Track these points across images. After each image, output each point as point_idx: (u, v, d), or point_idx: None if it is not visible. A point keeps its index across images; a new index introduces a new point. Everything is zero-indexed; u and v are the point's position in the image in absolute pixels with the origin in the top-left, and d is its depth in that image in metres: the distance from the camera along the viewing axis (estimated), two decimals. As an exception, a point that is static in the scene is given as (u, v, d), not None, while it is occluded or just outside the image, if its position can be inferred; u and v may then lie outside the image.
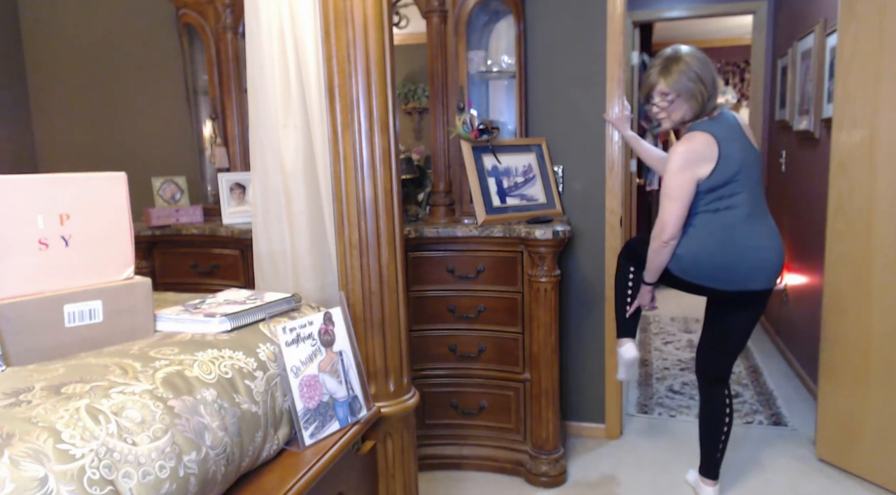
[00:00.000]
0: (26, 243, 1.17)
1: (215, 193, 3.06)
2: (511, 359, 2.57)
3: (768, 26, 4.55)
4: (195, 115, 3.09)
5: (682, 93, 2.08)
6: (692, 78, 2.07)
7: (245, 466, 1.23)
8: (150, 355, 1.19)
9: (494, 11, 2.77)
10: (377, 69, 1.54)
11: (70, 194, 1.23)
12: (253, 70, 1.93)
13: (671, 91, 2.09)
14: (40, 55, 3.49)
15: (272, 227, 1.99)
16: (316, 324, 1.46)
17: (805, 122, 3.44)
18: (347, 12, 1.51)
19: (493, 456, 2.67)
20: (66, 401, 0.97)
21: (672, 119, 2.15)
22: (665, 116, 2.15)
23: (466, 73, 2.61)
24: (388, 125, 1.58)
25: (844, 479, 2.56)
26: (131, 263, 1.33)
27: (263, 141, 1.95)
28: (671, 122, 2.15)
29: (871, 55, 2.37)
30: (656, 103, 2.13)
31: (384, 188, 1.59)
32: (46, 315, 1.18)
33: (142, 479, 0.96)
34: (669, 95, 2.09)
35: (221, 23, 2.87)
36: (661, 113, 2.15)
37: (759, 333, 4.56)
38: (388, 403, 1.64)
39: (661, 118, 2.16)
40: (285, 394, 1.35)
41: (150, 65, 3.32)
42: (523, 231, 2.40)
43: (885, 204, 2.37)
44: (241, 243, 2.67)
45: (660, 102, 2.13)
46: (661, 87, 2.10)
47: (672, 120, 2.15)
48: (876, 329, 2.43)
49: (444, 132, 2.63)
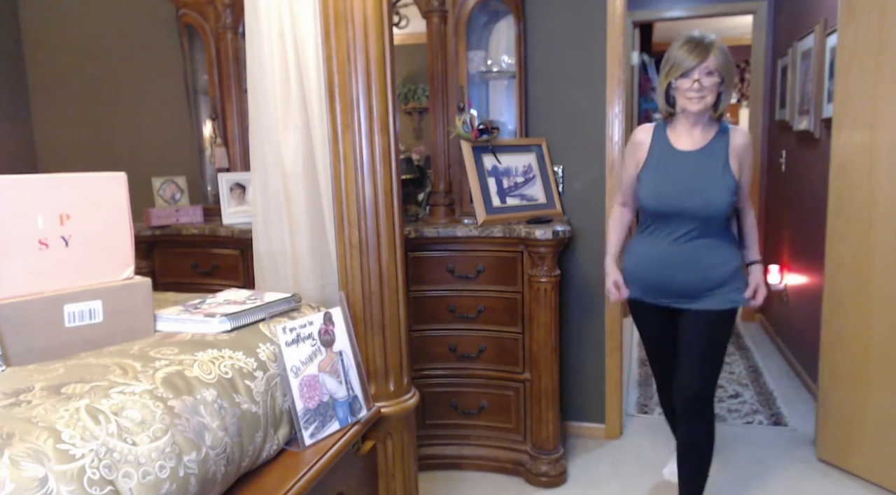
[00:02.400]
0: (26, 243, 1.17)
1: (215, 193, 3.06)
2: (511, 359, 2.57)
3: (768, 26, 4.55)
4: (195, 115, 3.09)
5: (726, 76, 1.94)
6: (732, 65, 1.96)
7: (245, 466, 1.23)
8: (150, 355, 1.19)
9: (494, 11, 2.77)
10: (377, 69, 1.54)
11: (70, 194, 1.23)
12: (253, 70, 1.93)
13: (718, 71, 1.91)
14: (40, 55, 3.49)
15: (272, 227, 1.99)
16: (316, 324, 1.46)
17: (805, 122, 3.44)
18: (347, 12, 1.51)
19: (493, 456, 2.66)
20: (66, 401, 0.97)
21: (706, 102, 1.94)
22: (702, 97, 1.92)
23: (466, 73, 2.61)
24: (388, 125, 1.58)
25: (844, 479, 2.56)
26: (131, 263, 1.33)
27: (263, 141, 1.95)
28: (703, 104, 1.94)
29: (871, 55, 2.37)
30: (699, 79, 1.91)
31: (384, 188, 1.59)
32: (46, 315, 1.18)
33: (142, 479, 0.96)
34: (715, 75, 1.91)
35: (221, 23, 2.87)
36: (702, 92, 1.92)
37: (759, 333, 4.56)
38: (388, 403, 1.64)
39: (696, 98, 1.93)
40: (285, 394, 1.35)
41: (150, 65, 3.32)
42: (523, 231, 2.40)
43: (885, 204, 2.37)
44: (241, 243, 2.66)
45: (704, 80, 1.91)
46: (710, 63, 1.89)
47: (705, 103, 1.94)
48: (876, 329, 2.43)
49: (444, 132, 2.63)
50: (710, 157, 2.01)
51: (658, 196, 2.02)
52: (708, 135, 2.03)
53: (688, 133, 2.03)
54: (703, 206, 1.96)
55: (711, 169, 1.99)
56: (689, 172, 2.01)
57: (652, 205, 2.04)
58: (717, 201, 1.96)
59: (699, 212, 1.97)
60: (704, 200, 1.96)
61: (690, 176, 2.00)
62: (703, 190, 1.98)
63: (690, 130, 2.03)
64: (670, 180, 2.02)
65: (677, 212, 2.00)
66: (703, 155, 2.02)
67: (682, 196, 1.99)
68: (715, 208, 1.96)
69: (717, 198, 1.96)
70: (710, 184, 1.97)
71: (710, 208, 1.96)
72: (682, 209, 1.98)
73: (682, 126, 2.04)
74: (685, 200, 1.98)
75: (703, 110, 1.96)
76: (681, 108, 1.98)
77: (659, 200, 2.02)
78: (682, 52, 1.93)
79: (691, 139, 2.03)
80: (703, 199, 1.96)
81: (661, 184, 2.03)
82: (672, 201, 2.00)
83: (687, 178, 2.00)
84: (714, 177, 1.98)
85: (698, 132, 2.02)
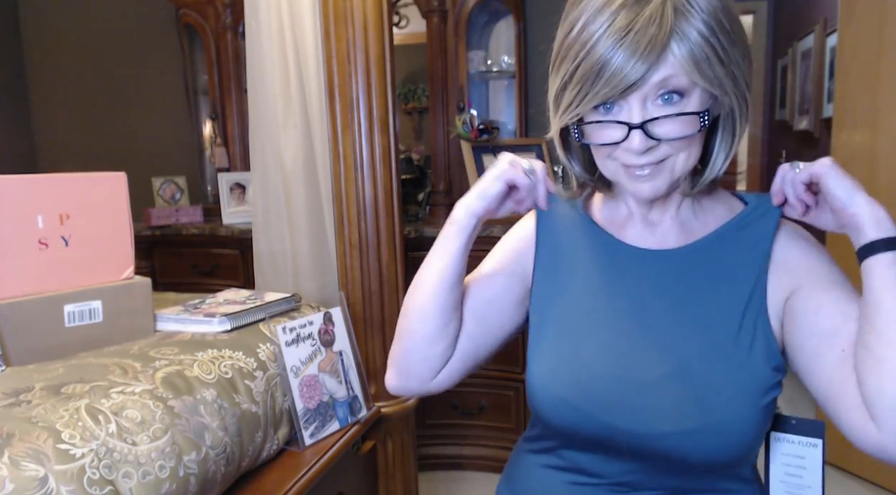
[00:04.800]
0: (26, 243, 1.17)
1: (215, 193, 3.06)
2: (511, 358, 2.56)
3: (768, 26, 4.55)
4: (195, 115, 3.09)
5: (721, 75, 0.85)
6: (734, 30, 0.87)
7: (245, 466, 1.23)
8: (150, 355, 1.19)
9: (494, 11, 2.77)
10: (377, 69, 1.54)
11: (70, 194, 1.23)
12: (253, 70, 1.93)
13: (691, 77, 0.61)
14: (40, 55, 3.49)
15: (272, 227, 1.99)
16: (316, 324, 1.46)
17: (805, 122, 3.44)
18: (347, 12, 1.51)
19: (493, 456, 2.66)
20: (66, 401, 0.97)
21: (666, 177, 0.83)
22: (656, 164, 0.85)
23: (466, 73, 2.61)
24: (388, 125, 1.58)
25: (845, 480, 2.56)
26: (131, 263, 1.33)
27: (263, 141, 1.95)
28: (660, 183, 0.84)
29: (871, 55, 2.37)
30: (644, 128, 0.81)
31: (384, 188, 1.59)
32: (46, 315, 1.18)
33: (142, 479, 0.96)
34: (688, 94, 0.66)
35: (221, 23, 2.88)
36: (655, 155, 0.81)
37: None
38: (388, 403, 1.64)
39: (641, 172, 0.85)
40: (285, 394, 1.35)
41: (150, 65, 3.32)
42: (523, 231, 2.40)
43: (885, 204, 2.35)
44: (241, 243, 2.66)
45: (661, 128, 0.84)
46: (671, 68, 0.77)
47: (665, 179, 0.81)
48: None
49: (444, 132, 2.63)
50: (718, 278, 0.82)
51: (569, 393, 0.80)
52: (705, 222, 0.85)
53: (646, 223, 0.86)
54: (710, 440, 0.77)
55: (722, 312, 0.81)
56: (668, 324, 0.80)
57: (554, 415, 0.82)
58: (746, 421, 0.80)
59: (704, 453, 0.78)
60: (715, 420, 0.77)
61: (671, 336, 0.80)
62: (707, 383, 0.78)
63: (653, 214, 0.86)
64: (615, 343, 0.81)
65: (621, 445, 0.79)
66: (693, 274, 0.83)
67: (636, 403, 0.77)
68: (743, 440, 0.80)
69: (746, 411, 0.80)
70: (724, 364, 0.80)
71: (732, 441, 0.79)
72: (633, 442, 0.78)
73: (627, 207, 0.88)
74: (641, 419, 0.77)
75: (658, 195, 0.79)
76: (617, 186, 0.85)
77: (573, 407, 0.79)
78: (600, 32, 0.74)
79: (662, 230, 0.85)
80: (712, 416, 0.77)
81: (577, 360, 0.81)
82: (607, 416, 0.78)
83: (662, 343, 0.79)
84: (729, 339, 0.80)
85: (670, 217, 0.85)
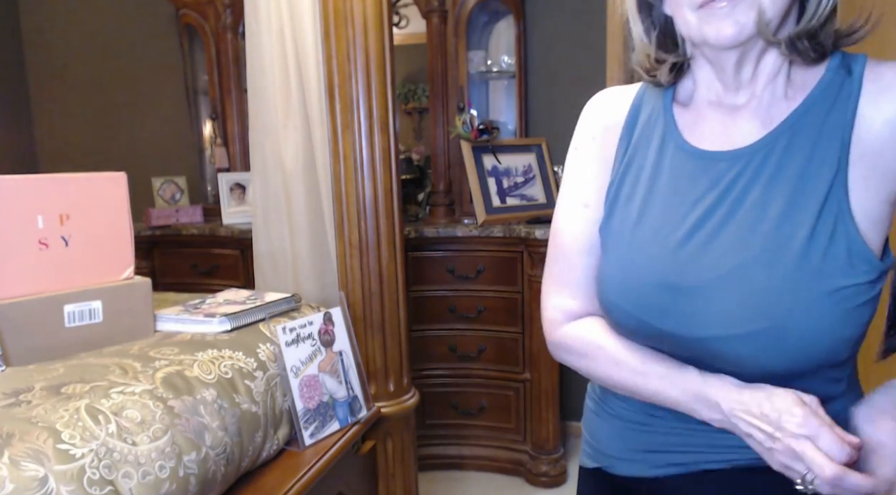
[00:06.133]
0: (26, 243, 1.17)
1: (215, 193, 3.06)
2: (511, 359, 2.57)
3: (768, 26, 4.55)
4: (195, 115, 3.09)
5: None
6: None
7: (245, 466, 1.23)
8: (150, 355, 1.19)
9: (494, 11, 2.77)
10: (377, 69, 1.54)
11: (70, 194, 1.23)
12: (253, 70, 1.94)
13: None
14: (40, 55, 3.49)
15: (272, 227, 2.00)
16: (316, 324, 1.46)
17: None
18: (347, 12, 1.51)
19: (493, 456, 2.67)
20: (66, 401, 0.97)
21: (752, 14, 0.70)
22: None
23: (466, 73, 2.61)
24: (388, 125, 1.58)
25: (844, 479, 2.56)
26: (131, 263, 1.33)
27: (263, 141, 1.95)
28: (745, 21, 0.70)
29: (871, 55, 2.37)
30: None
31: (384, 188, 1.59)
32: (46, 315, 1.18)
33: (142, 479, 0.96)
34: None
35: (221, 23, 2.88)
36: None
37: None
38: (388, 403, 1.64)
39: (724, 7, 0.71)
40: (285, 394, 1.35)
41: (150, 65, 3.32)
42: (523, 231, 2.40)
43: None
44: (241, 243, 2.67)
45: None
46: None
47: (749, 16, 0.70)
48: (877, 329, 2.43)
49: (444, 132, 2.63)
50: (790, 174, 0.74)
51: (621, 299, 0.80)
52: (791, 99, 0.77)
53: (724, 111, 0.79)
54: (767, 346, 0.72)
55: (794, 213, 0.73)
56: (730, 227, 0.74)
57: (612, 317, 0.84)
58: (811, 329, 0.73)
59: (762, 360, 0.73)
60: (773, 326, 0.71)
61: (731, 239, 0.74)
62: (767, 286, 0.71)
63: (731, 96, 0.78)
64: (669, 250, 0.76)
65: (677, 351, 0.78)
66: (769, 165, 0.74)
67: (685, 309, 0.74)
68: (808, 349, 0.75)
69: (813, 318, 0.73)
70: (790, 267, 0.71)
71: (792, 349, 0.73)
72: (686, 346, 0.76)
73: (706, 88, 0.80)
74: (692, 323, 0.74)
75: (742, 37, 0.71)
76: (694, 40, 0.75)
77: (626, 313, 0.80)
78: None
79: (738, 122, 0.77)
80: (770, 321, 0.71)
81: (640, 258, 0.79)
82: (658, 322, 0.76)
83: (720, 247, 0.74)
84: (798, 241, 0.72)
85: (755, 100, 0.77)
